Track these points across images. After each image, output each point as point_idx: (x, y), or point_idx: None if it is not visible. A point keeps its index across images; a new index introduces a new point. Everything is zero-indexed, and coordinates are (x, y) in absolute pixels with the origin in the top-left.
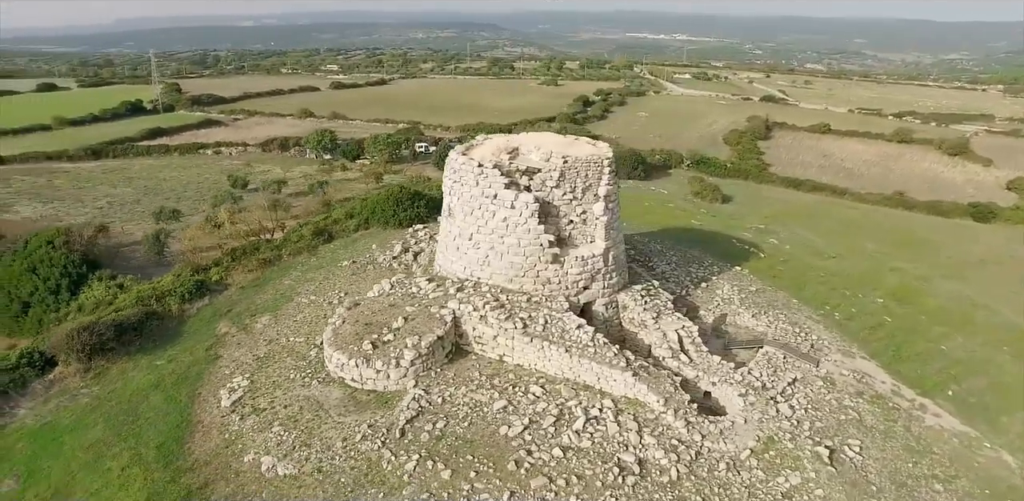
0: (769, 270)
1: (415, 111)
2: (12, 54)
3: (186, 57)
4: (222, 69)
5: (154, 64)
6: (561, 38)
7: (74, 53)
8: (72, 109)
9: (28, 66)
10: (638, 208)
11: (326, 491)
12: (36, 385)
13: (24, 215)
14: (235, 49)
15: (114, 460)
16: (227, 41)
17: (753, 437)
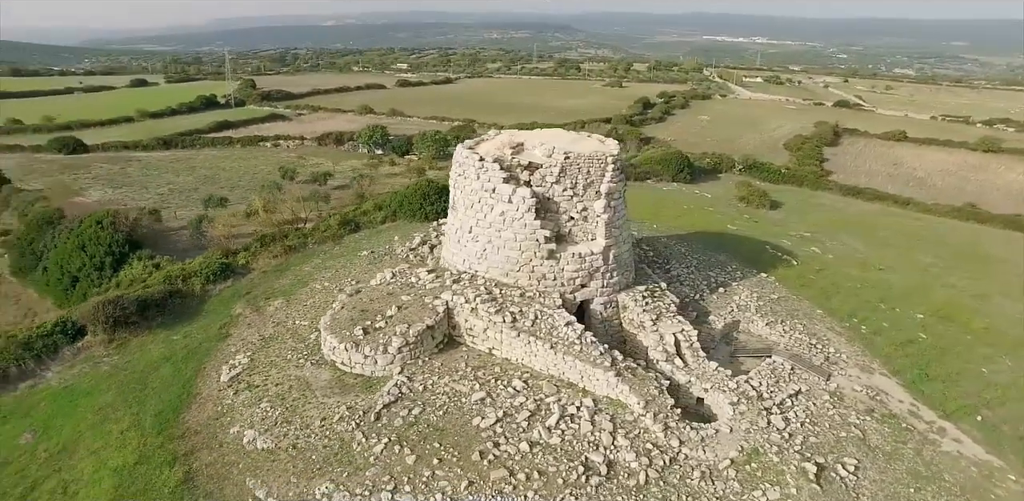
0: (798, 278)
1: (473, 109)
2: (118, 53)
3: (268, 55)
4: (299, 67)
5: (228, 61)
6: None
7: (170, 52)
8: (154, 103)
9: (129, 64)
10: (675, 211)
11: (296, 466)
12: (66, 351)
13: (94, 198)
14: (315, 48)
15: (116, 424)
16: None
17: (736, 447)
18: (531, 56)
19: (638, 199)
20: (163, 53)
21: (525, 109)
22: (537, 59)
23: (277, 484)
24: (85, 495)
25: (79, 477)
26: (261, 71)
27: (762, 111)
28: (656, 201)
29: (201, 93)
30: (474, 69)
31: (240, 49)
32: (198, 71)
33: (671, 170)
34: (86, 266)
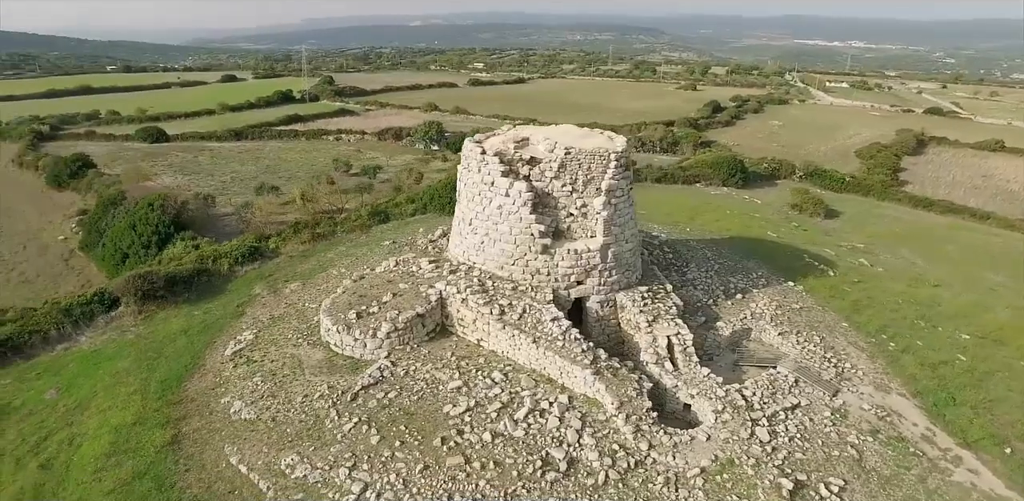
0: (830, 290)
1: (537, 109)
2: (218, 51)
3: (353, 54)
4: (380, 65)
5: (304, 59)
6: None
7: (264, 50)
8: (236, 97)
9: (226, 61)
10: (715, 215)
11: (270, 437)
12: (100, 319)
13: (163, 184)
14: (399, 47)
15: (126, 387)
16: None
17: (710, 456)
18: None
19: (678, 202)
20: (257, 51)
21: (590, 110)
22: (613, 61)
23: (250, 452)
24: (87, 448)
25: (85, 432)
26: (343, 69)
27: (841, 117)
28: (698, 205)
29: (279, 88)
30: (548, 70)
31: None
32: (284, 68)
33: (722, 174)
34: (135, 244)
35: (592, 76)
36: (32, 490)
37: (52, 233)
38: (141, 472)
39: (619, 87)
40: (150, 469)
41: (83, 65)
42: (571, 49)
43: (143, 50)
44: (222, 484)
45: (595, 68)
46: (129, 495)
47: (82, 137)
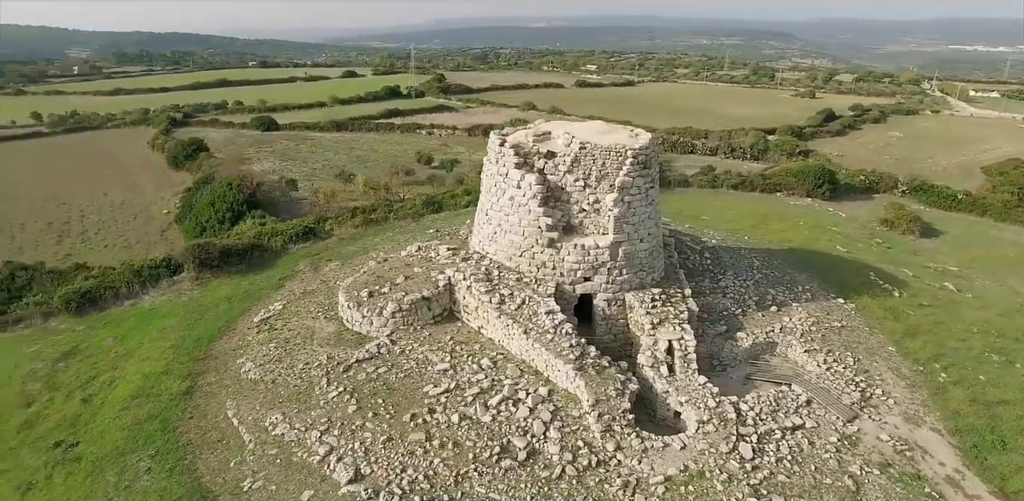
0: (887, 311)
1: (635, 111)
2: (349, 49)
3: (472, 53)
4: (496, 65)
5: (413, 57)
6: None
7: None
8: (348, 91)
9: (354, 59)
10: (783, 225)
11: (266, 397)
12: (164, 282)
13: (259, 168)
14: (519, 48)
15: (165, 341)
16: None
17: (680, 466)
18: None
19: (747, 209)
20: (386, 49)
21: (690, 114)
22: (730, 66)
23: (245, 408)
24: (120, 389)
25: (123, 376)
26: (460, 67)
27: (979, 130)
28: (768, 214)
29: (390, 84)
30: (660, 74)
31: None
32: (404, 66)
33: (807, 184)
34: (211, 219)
35: (705, 81)
36: (71, 419)
37: (159, 207)
38: (153, 415)
39: (730, 93)
40: (161, 413)
41: (230, 61)
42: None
43: (284, 48)
44: (215, 433)
45: (710, 73)
46: (139, 432)
47: (207, 124)
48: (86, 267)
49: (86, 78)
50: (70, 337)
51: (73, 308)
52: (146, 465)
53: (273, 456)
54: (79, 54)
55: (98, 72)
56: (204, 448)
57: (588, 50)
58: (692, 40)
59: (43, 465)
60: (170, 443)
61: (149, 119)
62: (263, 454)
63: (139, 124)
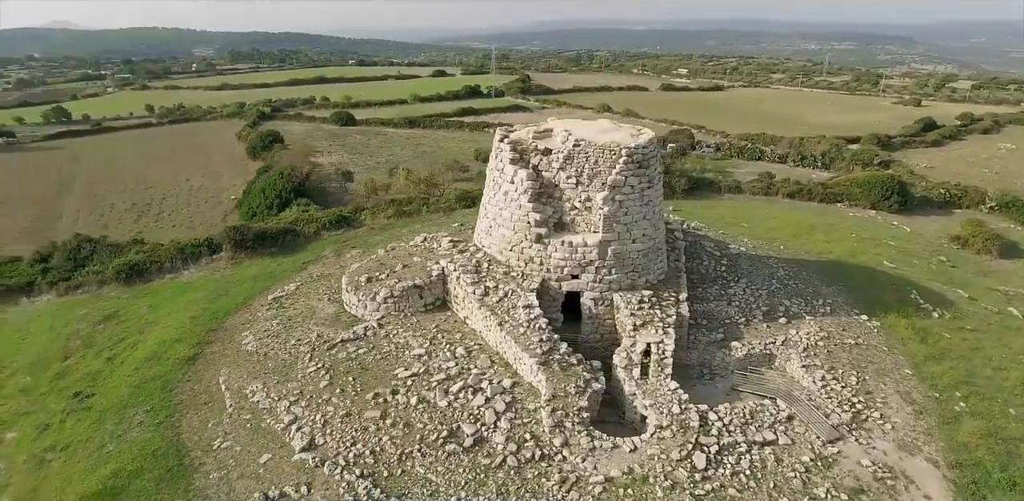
0: (916, 332)
1: (712, 116)
2: (448, 49)
3: (567, 55)
4: (587, 67)
5: (494, 57)
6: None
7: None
8: (431, 89)
9: (451, 59)
10: (828, 236)
11: (254, 367)
12: (204, 260)
13: (327, 160)
14: (616, 50)
15: (188, 313)
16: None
17: (624, 468)
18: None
19: (793, 219)
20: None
21: (773, 120)
22: (828, 71)
23: (234, 376)
24: (138, 352)
25: (145, 340)
26: (550, 69)
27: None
28: (815, 224)
29: (473, 84)
30: (754, 79)
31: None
32: (496, 66)
33: (872, 196)
34: (261, 205)
35: (800, 87)
36: (93, 374)
37: (229, 193)
38: (158, 376)
39: (824, 99)
40: (165, 375)
41: (332, 59)
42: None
43: (386, 47)
44: (204, 396)
45: (808, 79)
46: (142, 390)
47: (292, 118)
48: (141, 242)
49: (201, 74)
50: (114, 303)
51: (122, 278)
52: (140, 419)
53: (246, 421)
54: (203, 53)
55: (212, 69)
56: (191, 408)
57: (685, 54)
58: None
59: (61, 411)
60: (164, 401)
61: (242, 112)
62: (238, 418)
63: (233, 117)
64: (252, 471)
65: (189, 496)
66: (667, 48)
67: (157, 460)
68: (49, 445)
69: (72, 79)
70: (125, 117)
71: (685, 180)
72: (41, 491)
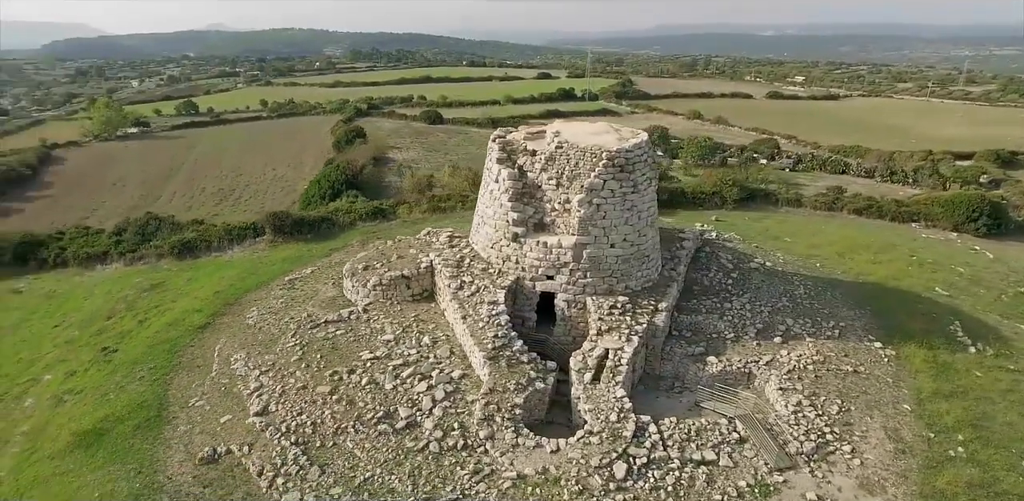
0: (932, 365)
1: (807, 126)
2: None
3: (684, 60)
4: (700, 73)
5: (590, 61)
6: None
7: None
8: (525, 91)
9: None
10: (877, 257)
11: (245, 339)
12: (248, 241)
13: (401, 156)
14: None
15: (215, 287)
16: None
17: (538, 468)
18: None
19: (846, 237)
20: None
21: (879, 132)
22: (968, 80)
23: (228, 345)
24: (164, 318)
25: (173, 308)
26: (660, 74)
27: None
28: (870, 243)
29: (570, 87)
30: (876, 88)
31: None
32: (604, 69)
33: (955, 216)
34: (315, 194)
35: (928, 98)
36: (124, 333)
37: (304, 183)
38: (170, 340)
39: (953, 111)
40: (175, 340)
41: (446, 60)
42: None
43: (503, 48)
44: (199, 360)
45: (942, 88)
46: (153, 350)
47: (385, 115)
48: (199, 223)
49: (321, 72)
50: (164, 274)
51: (175, 253)
52: (142, 374)
53: (222, 385)
54: (331, 52)
55: (332, 68)
56: (185, 370)
57: (811, 61)
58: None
59: (88, 361)
60: (167, 362)
61: (343, 108)
62: (217, 382)
63: (335, 112)
64: (211, 428)
65: (155, 443)
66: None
67: (141, 410)
68: (69, 388)
69: (212, 76)
70: (242, 110)
71: (737, 190)
72: (50, 425)
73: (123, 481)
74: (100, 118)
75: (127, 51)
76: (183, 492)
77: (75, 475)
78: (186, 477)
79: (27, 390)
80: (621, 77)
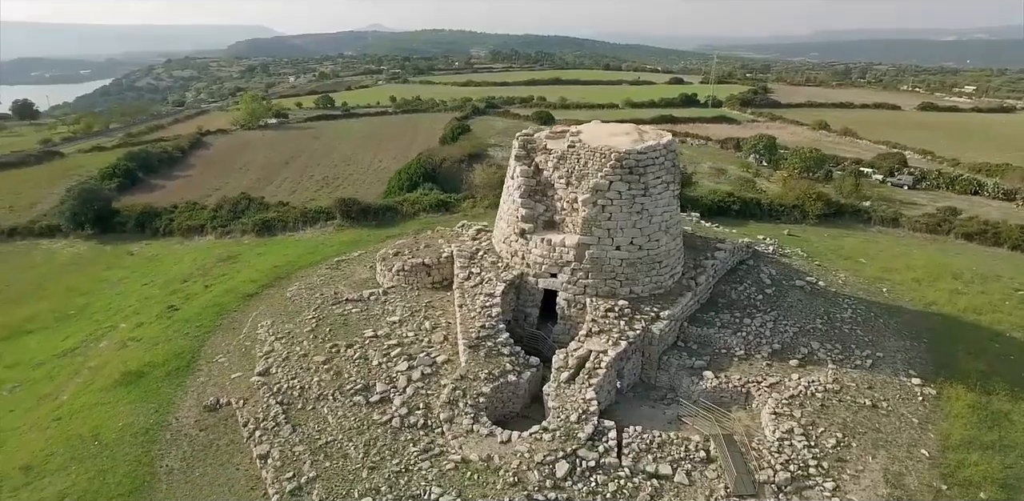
0: (979, 412)
1: (952, 141)
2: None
3: (839, 69)
4: (854, 82)
5: (714, 67)
6: None
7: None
8: (649, 96)
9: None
10: (976, 287)
11: (278, 308)
12: (319, 224)
13: (498, 155)
14: (900, 64)
15: (275, 261)
16: (917, 56)
17: (483, 455)
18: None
19: (938, 262)
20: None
21: None
22: None
23: (263, 312)
24: (226, 284)
25: (236, 276)
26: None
27: None
28: (962, 272)
29: (684, 92)
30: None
31: (830, 60)
32: (744, 76)
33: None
34: (396, 185)
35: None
36: (190, 295)
37: None
38: (222, 304)
39: None
40: (226, 304)
41: (583, 62)
42: None
43: (648, 52)
44: (236, 324)
45: None
46: (206, 311)
47: (500, 114)
48: (284, 205)
49: (458, 72)
50: (241, 248)
51: (256, 230)
52: (188, 331)
53: (245, 346)
54: (477, 53)
55: (469, 67)
56: (222, 331)
57: (997, 69)
58: None
59: (155, 315)
60: (211, 323)
61: (463, 106)
62: (241, 344)
63: (454, 110)
64: (222, 382)
65: (176, 389)
66: (982, 62)
67: (175, 360)
68: (134, 336)
69: (357, 73)
70: (373, 106)
71: (821, 205)
72: (109, 364)
73: (142, 416)
74: (246, 109)
75: (294, 50)
76: (183, 432)
77: (111, 406)
78: (189, 420)
79: (105, 334)
80: (756, 84)
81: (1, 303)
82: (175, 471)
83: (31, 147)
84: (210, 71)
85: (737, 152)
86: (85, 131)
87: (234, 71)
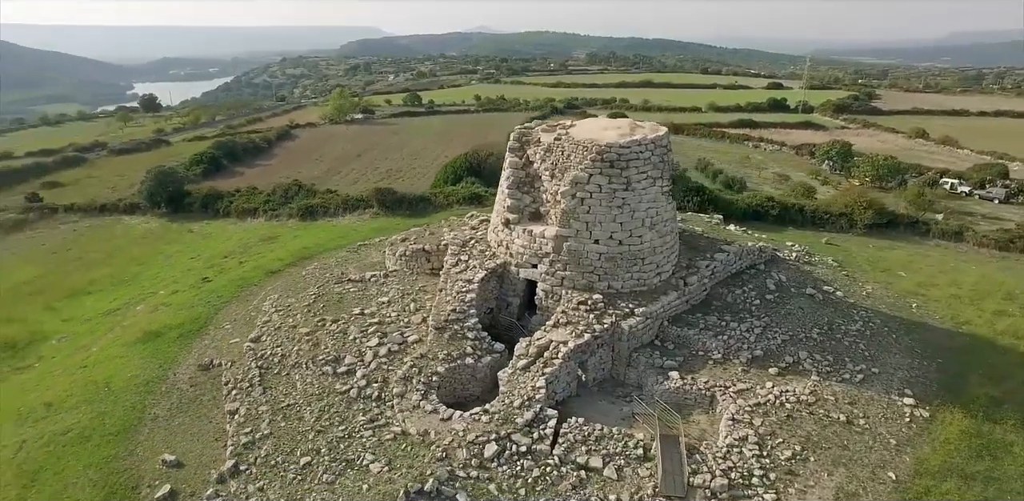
0: (972, 440)
1: None
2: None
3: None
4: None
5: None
6: None
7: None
8: (737, 100)
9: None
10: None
11: (288, 284)
12: (358, 211)
13: None
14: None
15: (301, 243)
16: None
17: (419, 430)
18: None
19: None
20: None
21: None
22: None
23: (274, 288)
24: (256, 261)
25: (268, 255)
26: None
27: None
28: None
29: (773, 96)
30: None
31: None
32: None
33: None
34: (441, 178)
35: None
36: (224, 269)
37: None
38: (246, 278)
39: None
40: (249, 278)
41: (683, 66)
42: None
43: (756, 57)
44: (251, 297)
45: None
46: (232, 284)
47: (576, 115)
48: (330, 192)
49: (552, 73)
50: (282, 230)
51: (299, 214)
52: (209, 299)
53: (250, 316)
54: (579, 55)
55: (563, 69)
56: (236, 302)
57: None
58: None
59: (189, 285)
60: (231, 294)
61: (543, 107)
62: (245, 313)
63: (534, 110)
64: (220, 346)
65: (182, 349)
66: None
67: (190, 324)
68: (166, 302)
69: (453, 73)
70: (457, 104)
71: (871, 214)
72: (138, 324)
73: (148, 369)
74: (334, 105)
75: (401, 50)
76: (176, 386)
77: (127, 359)
78: (184, 376)
79: (145, 299)
80: (861, 90)
81: (76, 268)
82: (159, 418)
83: (146, 136)
84: (319, 69)
85: (812, 158)
86: (193, 122)
87: (340, 69)
